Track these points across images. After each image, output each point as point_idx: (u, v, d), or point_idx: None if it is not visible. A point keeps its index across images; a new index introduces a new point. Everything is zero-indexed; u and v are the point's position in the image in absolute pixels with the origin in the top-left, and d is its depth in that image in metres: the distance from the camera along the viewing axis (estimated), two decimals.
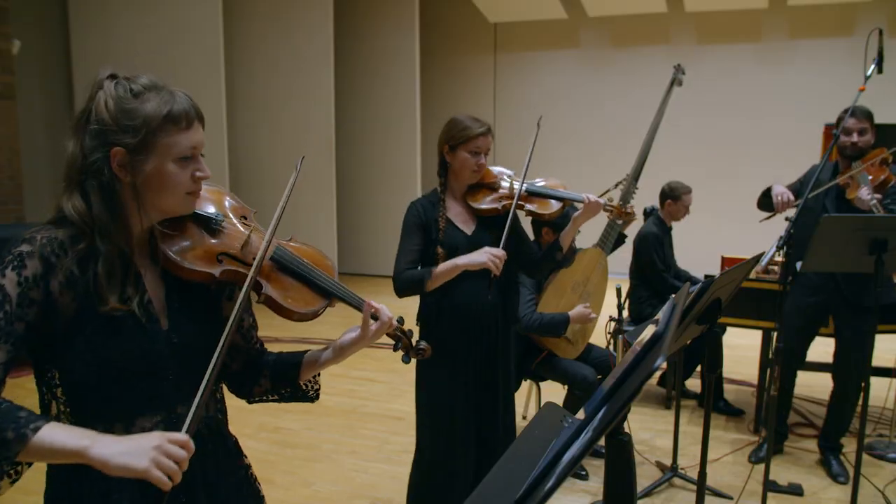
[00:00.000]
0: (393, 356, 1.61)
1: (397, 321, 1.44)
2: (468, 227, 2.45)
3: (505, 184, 2.50)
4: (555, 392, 3.78)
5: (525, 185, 2.49)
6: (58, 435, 1.03)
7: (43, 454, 1.04)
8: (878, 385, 3.67)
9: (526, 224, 2.77)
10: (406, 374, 2.56)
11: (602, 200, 2.53)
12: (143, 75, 1.22)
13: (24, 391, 4.93)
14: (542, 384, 3.86)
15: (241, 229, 1.35)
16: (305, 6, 7.86)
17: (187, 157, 1.20)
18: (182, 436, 1.07)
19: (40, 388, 1.24)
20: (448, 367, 2.40)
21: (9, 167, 6.19)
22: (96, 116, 1.16)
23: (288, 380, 1.41)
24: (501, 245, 2.30)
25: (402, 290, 2.32)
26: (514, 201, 2.40)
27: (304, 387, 1.44)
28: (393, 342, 1.48)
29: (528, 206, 2.49)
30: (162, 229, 1.24)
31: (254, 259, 1.25)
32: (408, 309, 1.59)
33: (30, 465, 1.13)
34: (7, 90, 6.14)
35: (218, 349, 1.15)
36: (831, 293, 3.32)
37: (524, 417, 4.23)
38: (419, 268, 2.38)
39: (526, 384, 3.75)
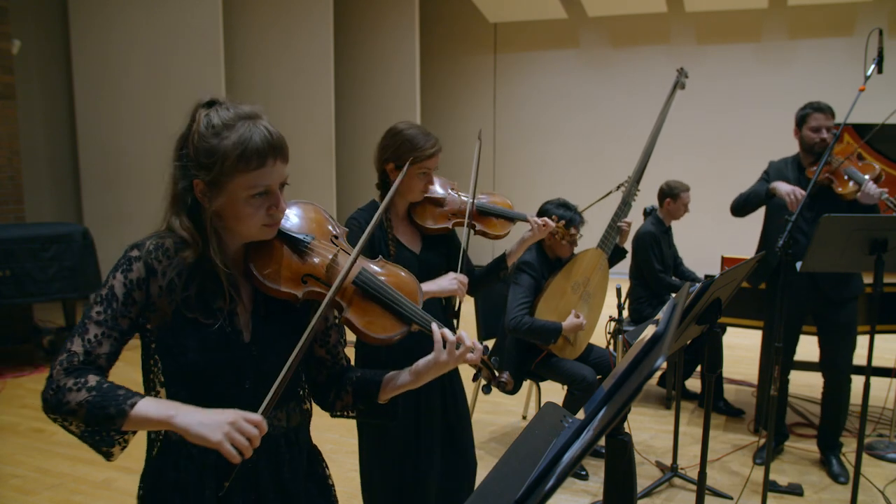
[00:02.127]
0: None
1: (483, 350, 1.41)
2: (415, 246, 2.28)
3: (452, 197, 2.34)
4: (555, 392, 3.78)
5: (476, 202, 2.37)
6: (150, 408, 1.17)
7: (140, 424, 1.17)
8: (878, 385, 3.68)
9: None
10: None
11: (548, 221, 2.46)
12: (240, 104, 1.30)
13: (23, 391, 4.93)
14: (542, 384, 3.86)
15: (329, 251, 1.38)
16: (305, 6, 7.86)
17: (261, 193, 1.26)
18: (256, 416, 1.18)
19: (146, 375, 1.35)
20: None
21: (9, 167, 6.19)
22: (185, 146, 1.28)
23: (367, 398, 1.45)
24: (459, 268, 2.21)
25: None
26: (467, 220, 2.28)
27: (381, 408, 1.46)
28: (475, 370, 1.46)
29: (479, 227, 2.37)
30: (253, 248, 1.33)
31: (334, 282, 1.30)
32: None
33: (134, 433, 1.26)
34: (7, 90, 6.15)
35: (294, 353, 1.24)
36: (808, 292, 3.32)
37: (524, 417, 4.23)
38: None
39: (526, 384, 3.75)
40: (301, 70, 7.91)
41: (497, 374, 1.46)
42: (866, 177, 3.13)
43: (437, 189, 2.32)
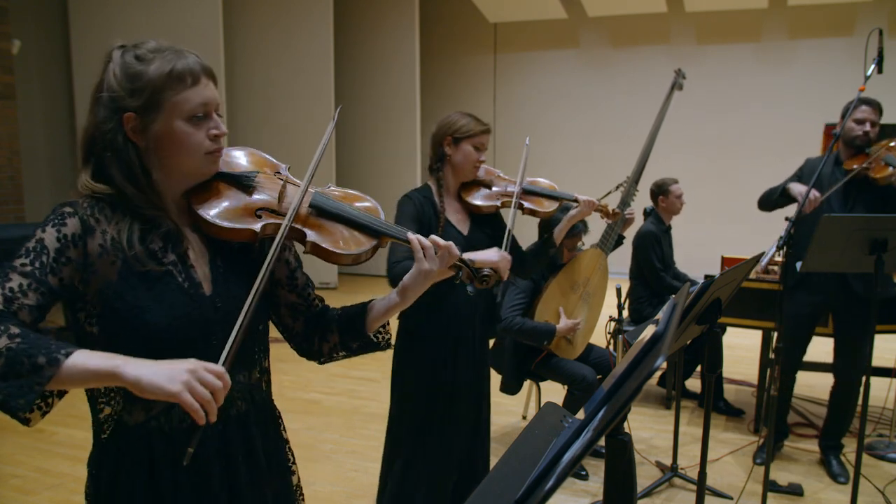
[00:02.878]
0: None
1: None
2: (464, 227, 2.39)
3: (500, 183, 2.47)
4: (555, 392, 3.78)
5: (523, 184, 2.47)
6: (91, 358, 1.02)
7: (75, 379, 1.01)
8: (878, 385, 3.68)
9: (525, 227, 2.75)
10: None
11: (594, 200, 2.54)
12: (151, 40, 1.20)
13: None
14: (542, 384, 3.86)
15: (276, 183, 1.31)
16: (305, 6, 7.86)
17: (199, 115, 1.18)
18: (218, 367, 1.05)
19: None
20: (427, 357, 2.34)
21: (9, 167, 6.19)
22: (107, 86, 1.17)
23: (356, 331, 1.37)
24: (504, 246, 2.24)
25: (396, 282, 2.23)
26: (515, 199, 2.35)
27: (373, 338, 1.39)
28: (453, 273, 1.39)
29: (527, 205, 2.45)
30: (196, 195, 1.23)
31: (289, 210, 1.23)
32: None
33: (60, 395, 1.12)
34: (7, 90, 6.15)
35: (252, 292, 1.14)
36: (834, 291, 3.30)
37: (524, 417, 4.23)
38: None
39: (526, 384, 3.75)
40: (301, 70, 7.91)
41: (476, 270, 1.40)
42: None
43: (486, 174, 2.47)
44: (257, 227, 1.23)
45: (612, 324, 3.31)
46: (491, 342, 3.86)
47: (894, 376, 3.95)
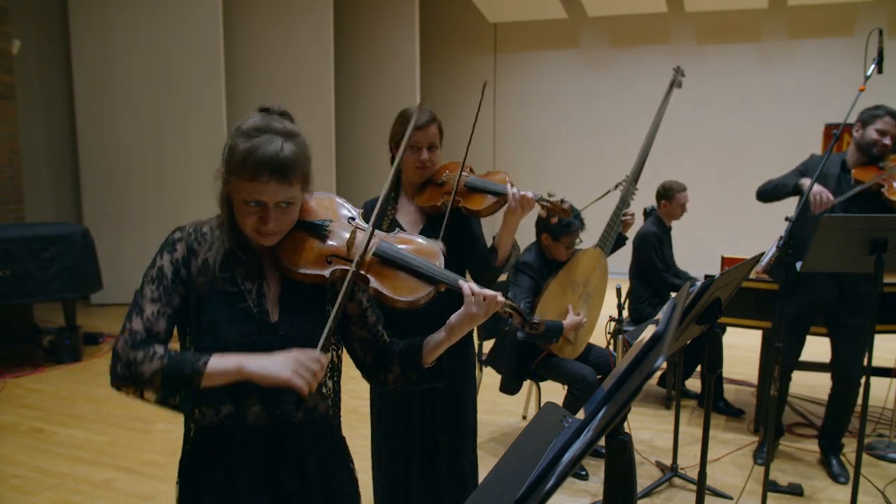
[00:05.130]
0: None
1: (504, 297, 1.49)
2: (415, 228, 2.29)
3: (453, 177, 2.28)
4: (555, 392, 3.78)
5: (466, 178, 2.25)
6: (220, 362, 1.28)
7: (214, 379, 1.28)
8: (878, 385, 3.68)
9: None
10: None
11: (531, 195, 2.17)
12: (285, 120, 1.39)
13: (23, 391, 4.92)
14: (542, 384, 3.86)
15: (347, 231, 1.47)
16: (305, 6, 7.86)
17: (252, 202, 1.33)
18: (315, 352, 1.31)
19: None
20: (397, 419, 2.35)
21: (9, 167, 6.19)
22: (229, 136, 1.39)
23: (414, 364, 1.51)
24: (440, 237, 2.04)
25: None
26: (452, 196, 2.17)
27: (428, 371, 1.52)
28: (507, 318, 1.52)
29: (462, 203, 2.23)
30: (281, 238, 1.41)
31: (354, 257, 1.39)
32: None
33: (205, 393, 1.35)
34: (7, 90, 6.15)
35: (336, 306, 1.34)
36: (828, 292, 3.31)
37: (524, 417, 4.23)
38: None
39: (526, 384, 3.75)
40: (301, 70, 7.91)
41: (527, 317, 1.53)
42: None
43: (447, 172, 2.30)
44: (327, 272, 1.41)
45: (612, 324, 3.31)
46: (488, 344, 3.87)
47: (894, 376, 3.95)
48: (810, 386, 4.54)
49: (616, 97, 9.16)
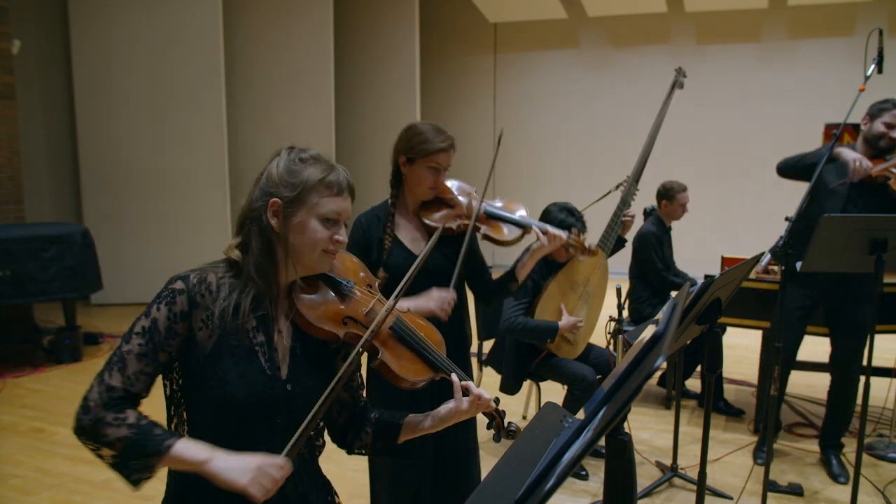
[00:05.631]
0: None
1: (494, 401, 1.53)
2: (417, 247, 2.22)
3: (462, 200, 2.28)
4: (555, 392, 3.78)
5: (485, 205, 2.27)
6: (186, 450, 1.25)
7: (173, 464, 1.26)
8: (878, 385, 3.67)
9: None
10: None
11: (563, 234, 2.31)
12: (314, 149, 1.43)
13: (23, 391, 4.91)
14: (542, 384, 3.86)
15: (367, 297, 1.49)
16: (305, 6, 7.85)
17: (331, 219, 1.37)
18: (280, 460, 1.27)
19: (169, 412, 1.41)
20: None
21: (9, 167, 6.19)
22: (268, 174, 1.38)
23: (387, 439, 1.54)
24: (455, 275, 2.13)
25: None
26: (472, 222, 2.18)
27: (398, 448, 1.55)
28: (487, 420, 1.56)
29: (484, 229, 2.26)
30: (301, 285, 1.42)
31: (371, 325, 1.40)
32: None
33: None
34: (7, 90, 6.15)
35: (325, 394, 1.30)
36: (829, 290, 3.31)
37: (524, 417, 4.23)
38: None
39: (526, 384, 3.75)
40: (301, 70, 7.91)
41: (506, 424, 1.56)
42: None
43: (454, 192, 2.29)
44: (342, 333, 1.40)
45: (612, 324, 3.31)
46: (488, 344, 3.86)
47: (894, 376, 3.95)
48: (810, 386, 4.54)
49: (616, 97, 9.16)
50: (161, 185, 7.01)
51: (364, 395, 1.58)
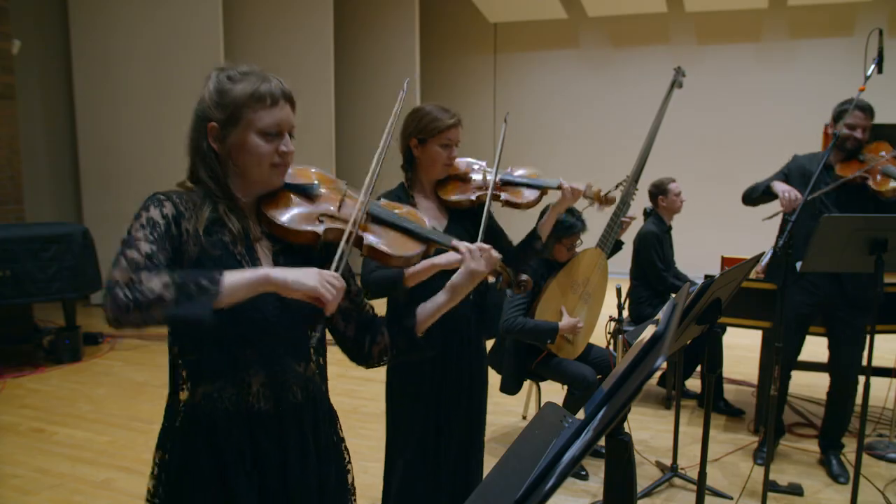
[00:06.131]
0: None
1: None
2: (440, 223, 2.30)
3: (476, 175, 2.35)
4: (555, 392, 3.78)
5: (499, 175, 2.34)
6: (237, 275, 1.20)
7: (234, 290, 1.19)
8: (878, 385, 3.67)
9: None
10: None
11: (581, 186, 2.39)
12: (247, 65, 1.40)
13: (23, 391, 4.93)
14: (542, 384, 3.86)
15: (337, 194, 1.48)
16: (305, 6, 7.86)
17: (271, 133, 1.33)
18: (335, 273, 1.27)
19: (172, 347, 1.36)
20: (419, 370, 2.30)
21: (9, 167, 6.18)
22: (200, 99, 1.37)
23: (406, 331, 1.51)
24: (479, 239, 2.16)
25: (373, 293, 2.13)
26: (489, 191, 2.23)
27: (419, 341, 1.52)
28: (494, 278, 1.56)
29: (504, 196, 2.33)
30: (265, 201, 1.39)
31: (351, 216, 1.39)
32: (378, 309, 1.62)
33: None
34: (7, 90, 6.14)
35: (341, 244, 1.34)
36: (829, 291, 3.31)
37: (524, 417, 4.23)
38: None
39: (526, 384, 3.75)
40: (301, 70, 7.91)
41: (515, 275, 1.57)
42: None
43: (463, 167, 2.35)
44: (320, 229, 1.38)
45: (612, 324, 3.32)
46: (489, 344, 3.86)
47: (894, 376, 3.95)
48: (810, 386, 4.54)
49: (616, 97, 9.16)
50: (161, 185, 6.88)
51: (366, 302, 1.55)
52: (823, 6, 8.09)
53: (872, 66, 2.91)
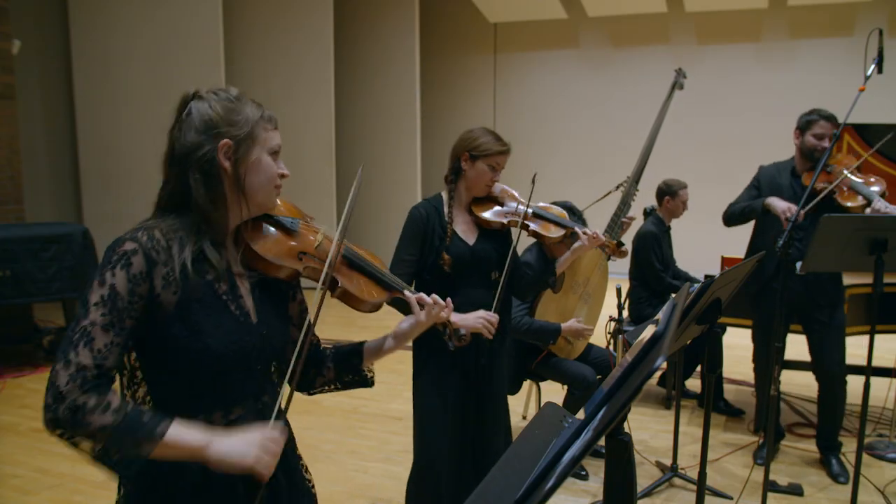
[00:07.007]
0: (392, 357, 1.62)
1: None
2: (470, 238, 2.44)
3: (511, 203, 2.53)
4: (555, 392, 3.78)
5: (531, 208, 2.54)
6: (181, 436, 1.15)
7: (164, 453, 1.14)
8: (878, 385, 3.67)
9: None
10: (406, 375, 2.55)
11: (602, 236, 2.59)
12: (223, 89, 1.36)
13: (23, 391, 4.93)
14: (542, 384, 3.86)
15: (313, 232, 1.49)
16: (306, 6, 7.86)
17: (277, 153, 1.36)
18: (275, 433, 1.22)
19: (122, 378, 1.30)
20: (442, 374, 2.39)
21: (9, 167, 6.19)
22: (201, 118, 1.28)
23: (352, 367, 1.54)
24: (505, 269, 2.37)
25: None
26: (521, 220, 2.43)
27: (365, 373, 1.56)
28: (442, 327, 1.63)
29: (533, 226, 2.52)
30: (247, 232, 1.36)
31: (328, 257, 1.39)
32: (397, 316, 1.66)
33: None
34: (7, 90, 6.14)
35: (301, 335, 1.32)
36: (797, 289, 3.32)
37: (524, 417, 4.23)
38: (412, 280, 2.38)
39: (526, 384, 3.75)
40: (301, 70, 7.91)
41: (456, 331, 1.65)
42: (874, 190, 3.15)
43: (498, 191, 2.52)
44: (301, 267, 1.38)
45: (612, 324, 3.31)
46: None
47: (894, 376, 3.95)
48: (809, 386, 4.53)
49: (616, 97, 9.16)
50: (161, 185, 7.01)
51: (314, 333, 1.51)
52: (823, 6, 8.10)
53: (872, 66, 2.91)
